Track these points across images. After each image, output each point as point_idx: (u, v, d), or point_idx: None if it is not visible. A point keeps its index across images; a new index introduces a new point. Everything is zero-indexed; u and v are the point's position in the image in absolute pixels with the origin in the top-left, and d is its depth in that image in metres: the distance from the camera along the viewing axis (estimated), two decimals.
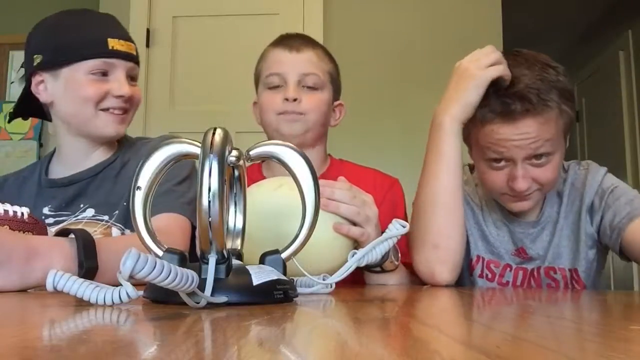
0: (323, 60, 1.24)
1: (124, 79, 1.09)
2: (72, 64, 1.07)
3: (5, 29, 3.33)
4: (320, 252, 0.85)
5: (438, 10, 2.67)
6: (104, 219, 1.07)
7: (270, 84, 1.22)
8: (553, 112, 0.97)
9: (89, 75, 1.06)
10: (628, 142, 3.71)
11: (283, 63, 1.21)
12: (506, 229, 1.13)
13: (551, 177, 1.02)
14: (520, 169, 0.99)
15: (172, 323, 0.44)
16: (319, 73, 1.21)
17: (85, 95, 1.07)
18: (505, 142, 0.98)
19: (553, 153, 1.00)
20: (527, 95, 0.96)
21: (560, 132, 1.01)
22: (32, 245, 0.72)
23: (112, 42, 1.07)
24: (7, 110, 3.21)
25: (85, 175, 1.12)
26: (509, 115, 0.96)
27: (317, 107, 1.21)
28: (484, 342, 0.36)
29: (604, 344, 0.37)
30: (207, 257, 0.56)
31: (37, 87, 1.10)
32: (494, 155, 1.01)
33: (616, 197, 1.06)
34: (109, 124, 1.09)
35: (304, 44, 1.23)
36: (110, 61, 1.07)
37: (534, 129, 0.96)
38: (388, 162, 2.63)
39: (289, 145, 0.66)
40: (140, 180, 0.62)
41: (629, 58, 3.73)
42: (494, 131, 0.99)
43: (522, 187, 1.00)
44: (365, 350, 0.33)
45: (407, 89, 2.63)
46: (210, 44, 2.70)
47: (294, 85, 1.19)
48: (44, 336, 0.37)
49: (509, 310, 0.62)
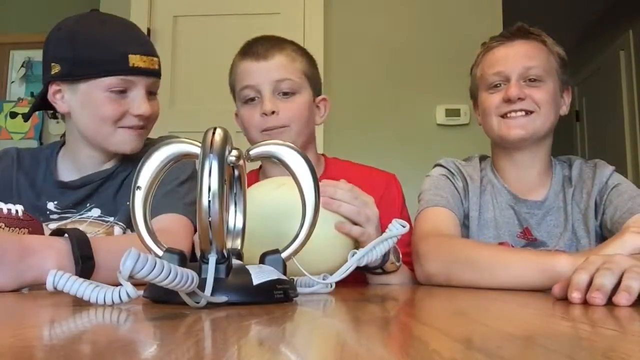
0: (295, 61, 1.18)
1: (143, 96, 1.05)
2: (90, 80, 1.03)
3: (5, 28, 3.33)
4: (321, 251, 0.85)
5: (439, 11, 2.67)
6: (109, 220, 1.07)
7: (245, 97, 1.18)
8: (544, 47, 1.14)
9: (107, 92, 1.02)
10: (628, 141, 3.70)
11: (253, 74, 1.16)
12: (512, 211, 1.15)
13: (545, 96, 1.10)
14: (515, 81, 1.11)
15: (172, 323, 0.44)
16: (292, 77, 1.16)
17: (103, 115, 1.03)
18: (503, 60, 1.13)
19: (544, 80, 1.11)
20: (522, 26, 1.16)
21: (553, 68, 1.13)
22: (25, 244, 0.72)
23: (133, 59, 1.02)
24: (8, 109, 3.21)
25: (96, 177, 1.11)
26: (507, 39, 1.15)
27: (298, 115, 1.16)
28: (484, 342, 0.36)
29: (606, 343, 0.37)
30: (207, 256, 0.56)
31: (54, 96, 1.06)
32: (494, 78, 1.13)
33: (619, 193, 1.09)
34: (127, 141, 1.07)
35: (271, 49, 1.16)
36: (130, 78, 1.03)
37: (526, 48, 1.13)
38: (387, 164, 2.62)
39: (289, 145, 0.66)
40: (140, 180, 0.62)
41: (629, 58, 3.72)
42: (494, 54, 1.15)
43: (513, 92, 1.09)
44: (365, 350, 0.33)
45: (408, 89, 2.63)
46: (210, 43, 2.69)
47: (270, 96, 1.14)
48: (43, 336, 0.37)
49: (509, 310, 0.62)
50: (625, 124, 3.74)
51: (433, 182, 1.17)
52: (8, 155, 1.15)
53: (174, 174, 1.03)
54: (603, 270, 0.62)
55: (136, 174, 0.62)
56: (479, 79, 1.18)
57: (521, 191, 1.16)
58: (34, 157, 1.15)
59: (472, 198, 1.15)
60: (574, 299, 0.60)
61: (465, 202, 1.16)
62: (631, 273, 0.61)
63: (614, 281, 0.61)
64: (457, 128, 2.58)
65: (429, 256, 1.00)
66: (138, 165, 0.63)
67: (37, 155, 1.16)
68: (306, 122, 1.18)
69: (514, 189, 1.16)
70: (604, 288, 0.59)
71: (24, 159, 1.15)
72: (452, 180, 1.17)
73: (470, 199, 1.15)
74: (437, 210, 1.11)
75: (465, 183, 1.17)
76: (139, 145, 1.09)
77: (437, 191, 1.14)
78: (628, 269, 0.62)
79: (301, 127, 1.17)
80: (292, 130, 1.16)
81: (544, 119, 1.10)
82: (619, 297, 0.58)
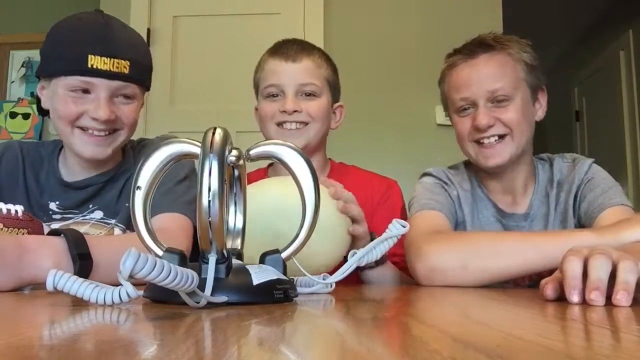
0: (321, 67, 1.24)
1: (104, 99, 0.99)
2: (54, 77, 1.01)
3: (5, 29, 3.33)
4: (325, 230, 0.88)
5: (439, 12, 2.66)
6: (111, 222, 1.07)
7: (268, 93, 1.23)
8: (509, 58, 1.09)
9: (67, 91, 0.99)
10: (628, 141, 3.70)
11: (280, 74, 1.21)
12: (499, 225, 1.14)
13: (514, 116, 1.08)
14: (482, 107, 1.08)
15: (172, 323, 0.44)
16: (316, 82, 1.22)
17: (60, 113, 1.01)
18: (467, 85, 1.09)
19: (512, 98, 1.08)
20: (485, 39, 1.12)
21: (520, 80, 1.09)
22: (23, 244, 0.72)
23: (93, 60, 0.97)
24: (8, 109, 3.21)
25: (100, 179, 1.10)
26: (470, 56, 1.10)
27: (318, 114, 1.22)
28: (484, 342, 0.36)
29: (606, 343, 0.37)
30: (207, 256, 0.56)
31: (41, 92, 1.06)
32: (461, 103, 1.11)
33: (592, 187, 1.09)
34: (85, 144, 1.02)
35: (300, 52, 1.22)
36: (89, 80, 0.98)
37: (490, 67, 1.08)
38: (387, 165, 2.62)
39: (289, 145, 0.66)
40: (140, 180, 0.62)
41: (629, 58, 3.72)
42: (458, 75, 1.11)
43: (482, 121, 1.07)
44: (365, 350, 0.33)
45: (408, 89, 2.63)
46: (210, 43, 2.69)
47: (292, 97, 1.20)
48: (43, 336, 0.37)
49: (509, 310, 0.62)
50: (625, 124, 3.74)
51: (426, 189, 1.16)
52: (12, 149, 1.14)
53: (171, 173, 1.03)
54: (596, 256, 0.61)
55: (136, 174, 0.62)
56: (446, 97, 1.16)
57: (506, 203, 1.15)
58: (37, 152, 1.14)
59: (465, 209, 1.15)
60: (573, 301, 0.60)
61: (460, 211, 1.15)
62: (625, 263, 0.60)
63: (609, 269, 0.60)
64: None
65: (438, 249, 0.97)
66: (138, 165, 0.63)
67: (40, 151, 1.15)
68: (323, 123, 1.24)
69: (500, 202, 1.15)
70: (602, 285, 0.59)
71: (28, 153, 1.13)
72: (446, 189, 1.16)
73: (464, 209, 1.15)
74: (432, 213, 1.10)
75: (458, 192, 1.16)
76: (102, 151, 1.03)
77: (431, 196, 1.14)
78: (620, 257, 0.61)
79: (319, 126, 1.23)
80: (310, 128, 1.21)
81: (518, 138, 1.09)
82: (618, 298, 0.57)
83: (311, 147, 1.22)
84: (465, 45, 1.13)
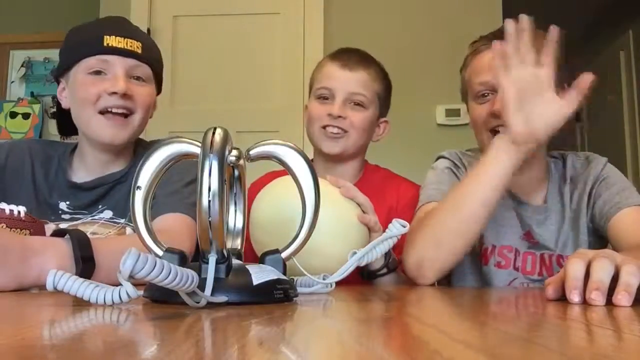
0: (375, 81, 1.27)
1: (121, 75, 1.03)
2: (74, 66, 1.06)
3: (5, 29, 3.33)
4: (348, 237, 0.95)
5: (438, 11, 2.66)
6: (120, 222, 1.07)
7: (320, 95, 1.27)
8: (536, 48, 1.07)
9: (85, 75, 1.04)
10: (628, 141, 3.70)
11: (335, 79, 1.25)
12: (514, 213, 1.14)
13: None
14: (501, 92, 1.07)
15: (172, 323, 0.44)
16: (366, 94, 1.25)
17: (81, 97, 1.04)
18: (489, 68, 1.06)
19: None
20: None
21: None
22: (27, 245, 0.72)
23: (108, 40, 1.03)
24: (8, 109, 3.21)
25: (109, 179, 1.11)
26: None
27: (360, 125, 1.25)
28: (484, 342, 0.36)
29: (606, 343, 0.37)
30: (207, 256, 0.56)
31: (60, 94, 1.10)
32: (480, 88, 1.10)
33: (608, 186, 1.09)
34: (105, 127, 1.04)
35: (359, 63, 1.26)
36: (105, 57, 1.03)
37: None
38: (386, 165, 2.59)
39: (289, 144, 0.66)
40: (140, 179, 0.62)
41: (629, 58, 3.72)
42: (481, 59, 1.10)
43: (499, 107, 1.04)
44: (365, 350, 0.33)
45: (408, 89, 2.63)
46: (210, 43, 2.69)
47: (341, 103, 1.24)
48: (43, 336, 0.37)
49: (509, 310, 0.62)
50: (625, 124, 3.74)
51: (436, 176, 1.17)
52: (19, 148, 1.15)
53: (178, 175, 1.04)
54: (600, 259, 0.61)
55: (136, 173, 0.62)
56: (467, 83, 1.16)
57: (522, 193, 1.15)
58: (46, 151, 1.15)
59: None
60: (573, 300, 0.60)
61: None
62: (628, 266, 0.60)
63: (612, 272, 0.60)
64: (457, 128, 2.57)
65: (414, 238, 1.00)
66: (138, 165, 0.63)
67: (49, 150, 1.16)
68: (364, 135, 1.27)
69: (516, 191, 1.15)
70: (603, 285, 0.59)
71: (37, 152, 1.14)
72: (455, 173, 1.16)
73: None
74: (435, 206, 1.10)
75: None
76: (120, 134, 1.06)
77: (439, 186, 1.14)
78: (624, 261, 0.61)
79: (358, 137, 1.26)
80: (350, 136, 1.25)
81: None
82: (619, 298, 0.57)
83: (348, 154, 1.27)
84: (491, 33, 1.13)
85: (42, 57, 3.29)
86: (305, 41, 2.63)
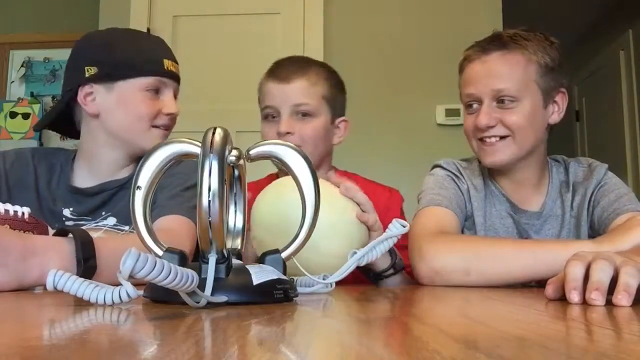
0: (316, 85, 1.23)
1: (172, 97, 1.15)
2: (128, 79, 1.10)
3: (5, 29, 3.33)
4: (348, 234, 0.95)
5: (438, 11, 2.67)
6: (124, 229, 1.07)
7: (266, 115, 1.26)
8: (522, 57, 1.06)
9: (143, 91, 1.10)
10: (628, 142, 3.70)
11: (274, 95, 1.23)
12: (511, 220, 1.14)
13: (517, 120, 1.06)
14: (486, 106, 1.07)
15: (172, 323, 0.44)
16: (310, 101, 1.22)
17: (140, 112, 1.10)
18: (474, 81, 1.08)
19: (519, 99, 1.06)
20: (501, 35, 1.09)
21: (531, 81, 1.06)
22: (29, 244, 0.72)
23: (167, 63, 1.14)
24: (8, 109, 3.21)
25: (113, 185, 1.12)
26: (483, 52, 1.08)
27: (312, 136, 1.22)
28: (484, 342, 0.36)
29: (605, 343, 0.37)
30: (207, 256, 0.56)
31: (85, 98, 1.10)
32: (467, 99, 1.10)
33: (606, 192, 1.09)
34: (156, 139, 1.12)
35: (294, 72, 1.23)
36: (164, 80, 1.13)
37: (500, 66, 1.06)
38: (386, 165, 2.62)
39: (289, 144, 0.66)
40: (140, 180, 0.62)
41: (629, 58, 3.72)
42: (470, 69, 1.10)
43: (482, 121, 1.06)
44: (365, 350, 0.33)
45: (408, 89, 2.63)
46: (210, 43, 2.69)
47: (287, 117, 1.21)
48: (44, 336, 0.37)
49: (508, 310, 0.62)
50: (625, 124, 3.74)
51: (436, 182, 1.15)
52: (23, 156, 1.16)
53: (179, 180, 1.05)
54: (599, 261, 0.61)
55: (136, 173, 0.62)
56: (460, 88, 1.16)
57: (519, 200, 1.15)
58: (48, 159, 1.17)
59: (475, 203, 1.14)
60: (573, 300, 0.60)
61: (469, 204, 1.14)
62: (627, 267, 0.60)
63: (611, 273, 0.60)
64: (457, 128, 2.57)
65: (441, 251, 0.97)
66: (138, 165, 0.63)
67: (51, 158, 1.18)
68: (320, 143, 1.25)
69: (513, 198, 1.15)
70: (602, 286, 0.59)
71: (40, 160, 1.16)
72: (456, 182, 1.15)
73: (473, 203, 1.14)
74: (438, 210, 1.09)
75: (468, 186, 1.15)
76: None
77: (440, 191, 1.13)
78: (623, 263, 0.61)
79: (313, 148, 1.23)
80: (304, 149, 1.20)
81: (520, 142, 1.07)
82: (619, 298, 0.57)
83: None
84: (483, 40, 1.12)
85: (42, 57, 3.29)
86: (305, 41, 2.63)
